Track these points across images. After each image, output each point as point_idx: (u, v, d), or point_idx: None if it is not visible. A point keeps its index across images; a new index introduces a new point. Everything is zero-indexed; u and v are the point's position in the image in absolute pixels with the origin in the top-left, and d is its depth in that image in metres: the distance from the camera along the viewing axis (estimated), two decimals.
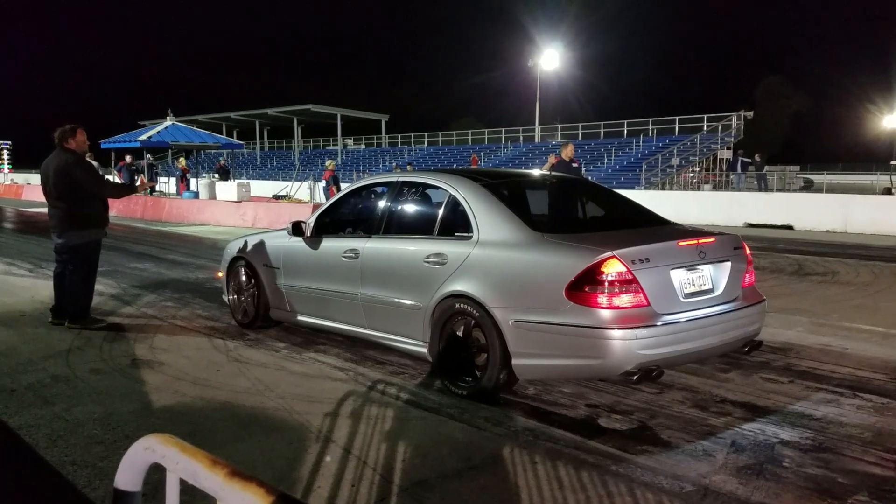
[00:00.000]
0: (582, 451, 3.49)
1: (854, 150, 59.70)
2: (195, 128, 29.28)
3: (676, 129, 34.80)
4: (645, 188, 26.92)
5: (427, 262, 4.60)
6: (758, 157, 25.84)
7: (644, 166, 29.77)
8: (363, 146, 54.79)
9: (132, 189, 7.50)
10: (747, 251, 4.60)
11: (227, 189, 22.30)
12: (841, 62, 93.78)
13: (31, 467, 3.38)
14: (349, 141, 55.47)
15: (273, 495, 1.20)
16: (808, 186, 33.40)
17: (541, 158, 30.65)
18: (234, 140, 38.59)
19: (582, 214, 5.42)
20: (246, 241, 6.35)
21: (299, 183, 29.19)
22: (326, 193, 19.85)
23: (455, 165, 40.77)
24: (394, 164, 39.61)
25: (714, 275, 4.27)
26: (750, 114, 33.79)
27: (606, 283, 3.79)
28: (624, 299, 3.82)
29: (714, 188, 28.36)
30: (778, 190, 26.59)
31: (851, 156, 57.76)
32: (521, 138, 43.45)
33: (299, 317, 5.78)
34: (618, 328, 3.75)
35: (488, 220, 4.45)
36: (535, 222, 4.43)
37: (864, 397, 4.34)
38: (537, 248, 4.16)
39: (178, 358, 5.23)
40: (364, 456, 3.42)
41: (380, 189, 5.82)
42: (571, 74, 51.36)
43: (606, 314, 3.78)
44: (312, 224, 5.63)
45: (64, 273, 6.20)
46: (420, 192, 5.45)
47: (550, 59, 41.86)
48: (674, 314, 3.96)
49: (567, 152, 11.77)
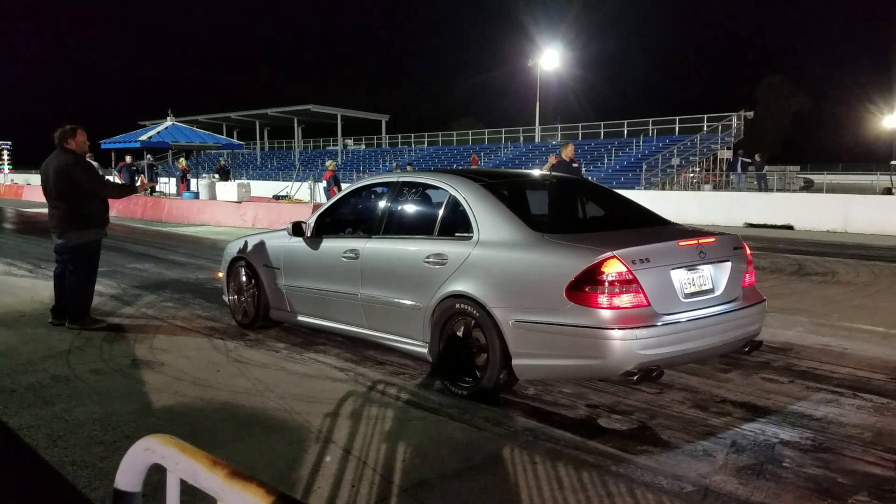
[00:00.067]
0: (582, 452, 3.49)
1: (854, 150, 59.79)
2: (195, 128, 29.28)
3: (677, 129, 34.81)
4: (645, 188, 26.92)
5: (427, 263, 4.60)
6: (758, 157, 25.86)
7: (644, 166, 29.78)
8: (363, 146, 54.78)
9: (132, 189, 7.50)
10: (747, 251, 4.60)
11: (228, 189, 22.29)
12: (841, 62, 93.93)
13: (32, 468, 3.39)
14: (349, 141, 55.47)
15: (273, 495, 1.20)
16: (809, 186, 33.41)
17: (541, 159, 30.65)
18: (235, 140, 38.59)
19: (582, 214, 5.42)
20: (246, 242, 6.35)
21: (299, 183, 29.21)
22: (327, 194, 19.84)
23: (455, 166, 40.77)
24: (394, 165, 39.60)
25: (714, 275, 4.27)
26: (750, 114, 33.79)
27: (607, 284, 3.79)
28: (624, 299, 3.82)
29: (714, 188, 28.36)
30: (778, 190, 26.60)
31: (852, 156, 57.84)
32: (522, 138, 43.45)
33: (299, 317, 5.78)
34: (618, 328, 3.75)
35: (488, 221, 4.45)
36: (536, 222, 4.43)
37: (864, 397, 4.34)
38: (537, 249, 4.16)
39: (178, 358, 5.23)
40: (364, 456, 3.42)
41: (380, 189, 5.82)
42: (572, 74, 51.42)
43: (607, 314, 3.78)
44: (313, 224, 5.63)
45: (64, 273, 6.20)
46: (420, 193, 5.45)
47: (550, 59, 41.85)
48: (674, 314, 3.96)
49: (567, 152, 11.77)
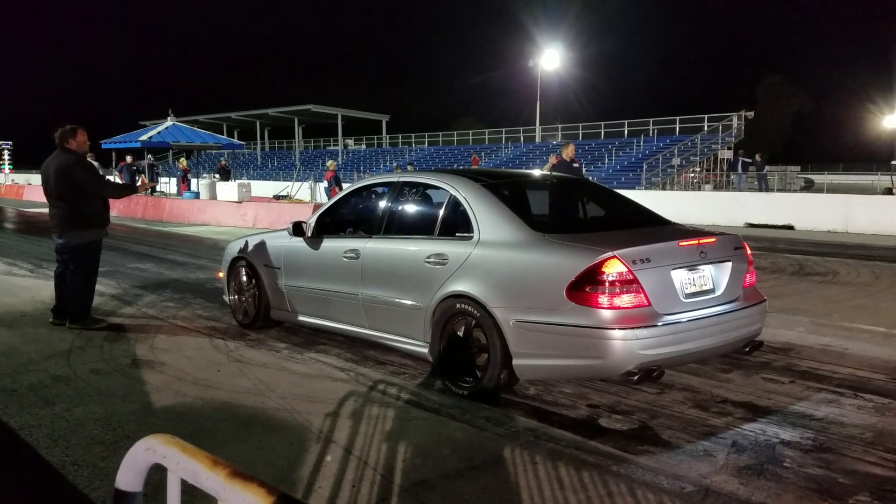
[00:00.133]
0: (583, 452, 3.49)
1: (855, 150, 59.76)
2: (196, 128, 29.27)
3: (677, 129, 34.80)
4: (646, 188, 26.91)
5: (428, 263, 4.60)
6: (758, 157, 25.87)
7: (645, 166, 29.76)
8: (364, 146, 54.78)
9: (133, 189, 7.51)
10: (748, 251, 4.59)
11: (228, 189, 22.29)
12: (841, 62, 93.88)
13: (32, 467, 3.39)
14: (350, 141, 55.46)
15: (274, 495, 1.20)
16: (809, 186, 33.41)
17: (541, 159, 30.64)
18: (235, 140, 38.58)
19: (583, 215, 5.42)
20: (247, 242, 6.35)
21: (300, 183, 29.22)
22: (328, 194, 19.83)
23: (456, 166, 40.76)
24: (394, 165, 39.61)
25: (715, 275, 4.27)
26: (751, 114, 33.75)
27: (607, 284, 3.79)
28: (625, 299, 3.82)
29: (715, 188, 28.34)
30: (779, 190, 26.60)
31: (852, 156, 57.81)
32: (522, 138, 43.44)
33: (300, 317, 5.78)
34: (618, 328, 3.74)
35: (489, 221, 4.45)
36: (536, 222, 4.43)
37: (865, 397, 4.34)
38: (538, 249, 4.16)
39: (179, 358, 5.23)
40: (365, 456, 3.42)
41: (380, 189, 5.82)
42: (572, 74, 51.36)
43: (607, 314, 3.78)
44: (313, 224, 5.63)
45: (65, 273, 6.21)
46: (421, 193, 5.45)
47: (551, 59, 41.80)
48: (675, 314, 3.96)
49: (568, 152, 11.77)
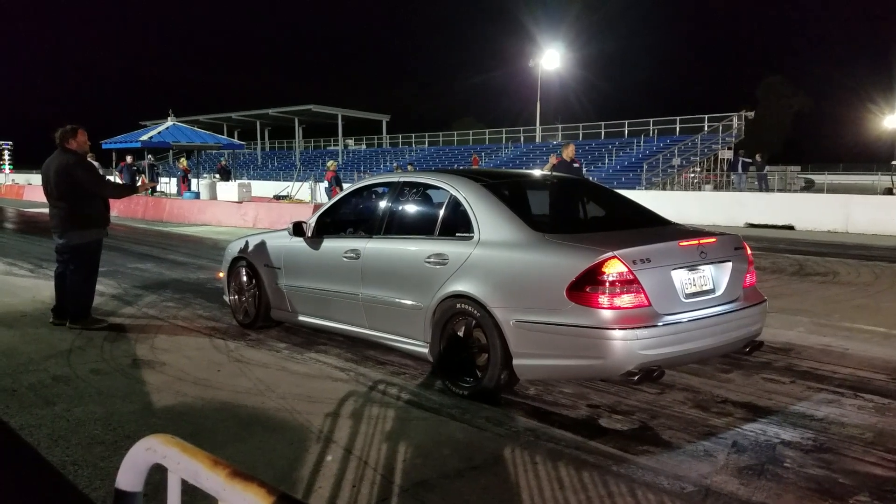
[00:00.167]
0: (583, 452, 3.49)
1: (855, 151, 59.74)
2: (196, 128, 29.27)
3: (677, 130, 34.79)
4: (646, 188, 26.91)
5: (428, 263, 4.60)
6: (759, 158, 25.87)
7: (645, 166, 29.76)
8: (364, 146, 54.78)
9: (133, 189, 7.52)
10: (748, 251, 4.59)
11: (228, 189, 22.30)
12: (841, 62, 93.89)
13: (33, 467, 3.39)
14: (350, 141, 55.47)
15: (274, 495, 1.20)
16: (809, 187, 33.41)
17: (542, 159, 30.64)
18: (236, 140, 38.58)
19: (583, 215, 5.42)
20: (247, 242, 6.35)
21: (300, 183, 29.21)
22: (329, 194, 19.82)
23: (456, 166, 40.76)
24: (394, 165, 39.60)
25: (715, 275, 4.27)
26: (751, 114, 33.76)
27: (607, 284, 3.79)
28: (625, 299, 3.82)
29: (715, 188, 28.34)
30: (779, 190, 26.60)
31: (852, 156, 57.79)
32: (522, 138, 43.43)
33: (300, 317, 5.78)
34: (619, 328, 3.74)
35: (489, 221, 4.45)
36: (536, 222, 4.43)
37: (866, 398, 4.34)
38: (538, 249, 4.16)
39: (180, 358, 5.23)
40: (365, 456, 3.42)
41: (381, 189, 5.82)
42: (572, 74, 51.32)
43: (607, 314, 3.78)
44: (313, 224, 5.63)
45: (65, 273, 6.21)
46: (421, 193, 5.45)
47: (551, 59, 41.79)
48: (675, 314, 3.96)
49: (568, 152, 11.77)
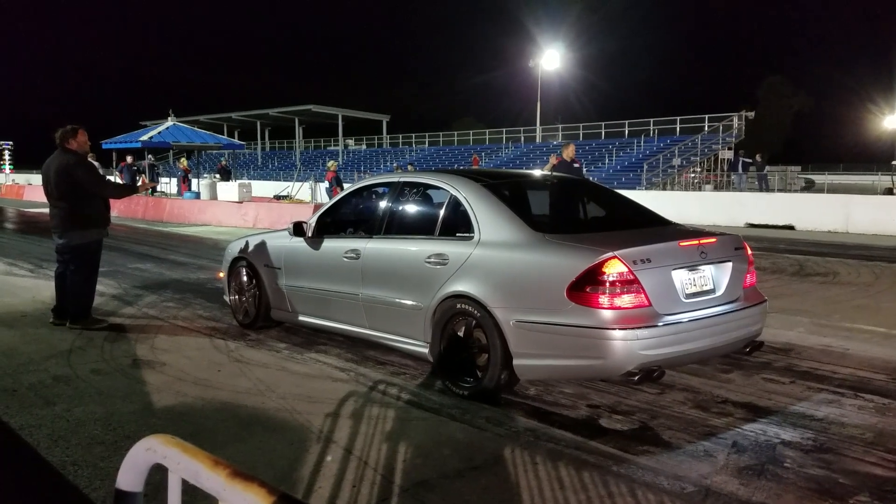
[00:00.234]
0: (583, 452, 3.49)
1: (855, 151, 59.72)
2: (196, 128, 29.29)
3: (678, 130, 34.79)
4: (646, 188, 26.91)
5: (428, 263, 4.60)
6: (759, 158, 25.88)
7: (645, 166, 29.76)
8: (364, 146, 54.79)
9: (133, 189, 7.52)
10: (748, 251, 4.59)
11: (229, 189, 22.29)
12: (842, 62, 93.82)
13: (33, 467, 3.39)
14: (350, 141, 55.47)
15: (274, 495, 1.20)
16: (810, 187, 33.41)
17: (542, 159, 30.63)
18: (236, 140, 38.58)
19: (583, 215, 5.42)
20: (247, 242, 6.35)
21: (300, 183, 29.20)
22: (330, 194, 19.81)
23: (456, 166, 40.75)
24: (395, 165, 39.60)
25: (715, 275, 4.27)
26: (751, 114, 33.76)
27: (608, 284, 3.79)
28: (625, 300, 3.81)
29: (715, 188, 28.34)
30: (779, 190, 26.61)
31: (852, 156, 57.77)
32: (523, 138, 43.42)
33: (300, 317, 5.78)
34: (619, 328, 3.74)
35: (489, 221, 4.45)
36: (537, 223, 4.43)
37: (866, 398, 4.34)
38: (538, 249, 4.16)
39: (180, 358, 5.23)
40: (365, 456, 3.42)
41: (381, 189, 5.82)
42: (572, 74, 51.31)
43: (608, 314, 3.78)
44: (314, 224, 5.63)
45: (65, 273, 6.21)
46: (421, 193, 5.45)
47: (551, 59, 41.77)
48: (675, 314, 3.96)
49: (568, 152, 11.76)
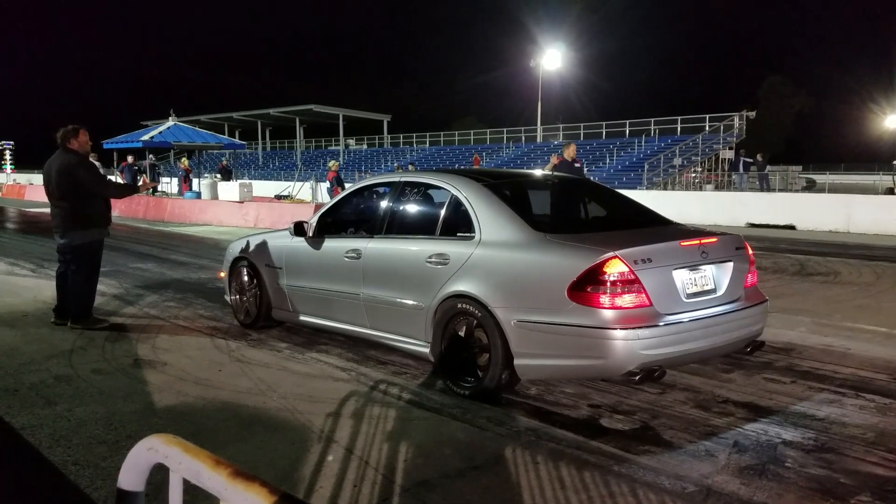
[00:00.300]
0: (584, 452, 3.49)
1: (856, 150, 59.69)
2: (197, 128, 29.27)
3: (679, 129, 34.77)
4: (647, 188, 26.90)
5: (429, 263, 4.60)
6: (760, 157, 25.87)
7: (646, 166, 29.74)
8: (365, 146, 54.79)
9: (134, 189, 7.52)
10: (749, 251, 4.59)
11: (230, 189, 22.26)
12: (842, 62, 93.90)
13: (34, 467, 3.39)
14: (351, 141, 55.47)
15: (276, 495, 1.20)
16: (811, 186, 33.39)
17: (543, 158, 30.63)
18: (237, 140, 38.57)
19: (584, 215, 5.42)
20: (248, 242, 6.35)
21: (301, 183, 29.21)
22: (331, 194, 19.82)
23: (457, 165, 40.75)
24: (395, 165, 39.59)
25: (716, 275, 4.27)
26: (752, 114, 33.72)
27: (609, 284, 3.79)
28: (626, 299, 3.81)
29: (716, 188, 28.33)
30: (780, 190, 26.60)
31: (854, 156, 57.73)
32: (523, 138, 43.40)
33: (301, 317, 5.78)
34: (620, 328, 3.74)
35: (490, 221, 4.45)
36: (538, 222, 4.43)
37: (867, 398, 4.34)
38: (539, 249, 4.16)
39: (181, 358, 5.24)
40: (366, 456, 3.42)
41: (382, 189, 5.82)
42: (573, 74, 51.27)
43: (609, 314, 3.78)
44: (315, 224, 5.64)
45: (66, 273, 6.21)
46: (422, 193, 5.45)
47: (552, 59, 41.75)
48: (676, 314, 3.96)
49: (569, 152, 11.76)
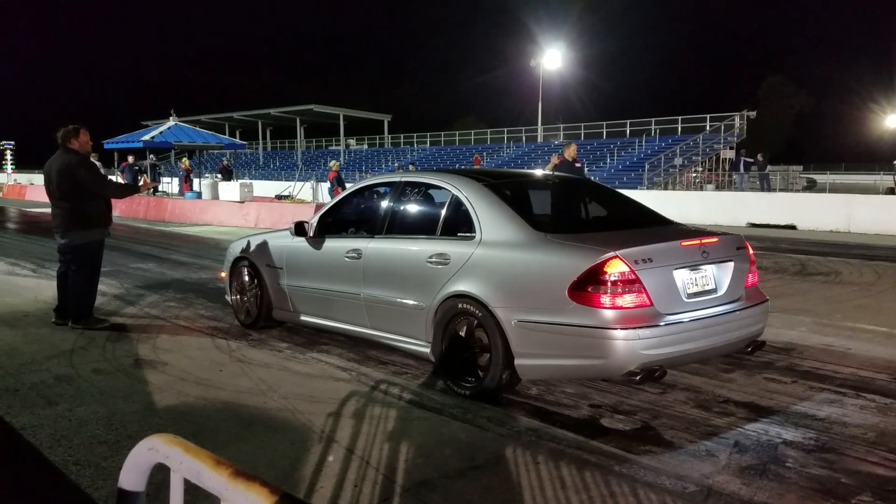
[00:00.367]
0: (585, 452, 3.49)
1: (857, 150, 59.68)
2: (198, 128, 29.29)
3: (679, 129, 34.76)
4: (648, 188, 26.89)
5: (430, 263, 4.60)
6: (760, 157, 25.85)
7: (647, 166, 29.73)
8: (366, 146, 54.79)
9: (135, 189, 7.53)
10: (750, 251, 4.59)
11: (230, 189, 22.26)
12: (843, 62, 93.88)
13: (34, 467, 3.39)
14: (352, 141, 55.47)
15: (276, 495, 1.20)
16: (811, 186, 33.39)
17: (543, 158, 30.61)
18: (237, 140, 38.58)
19: (585, 214, 5.42)
20: (249, 242, 6.35)
21: (302, 183, 29.21)
22: (331, 194, 19.82)
23: (457, 165, 40.75)
24: (396, 165, 39.59)
25: (717, 275, 4.27)
26: (753, 113, 33.70)
27: (609, 283, 3.79)
28: (627, 299, 3.81)
29: (717, 188, 28.30)
30: (781, 190, 26.58)
31: (854, 155, 57.74)
32: (524, 138, 43.40)
33: (302, 317, 5.78)
34: (621, 328, 3.74)
35: (491, 220, 4.45)
36: (538, 222, 4.43)
37: (868, 397, 4.33)
38: (540, 249, 4.16)
39: (181, 358, 5.24)
40: (367, 456, 3.42)
41: (382, 189, 5.81)
42: (574, 74, 51.35)
43: (609, 314, 3.78)
44: (315, 224, 5.64)
45: (67, 273, 6.22)
46: (422, 193, 5.45)
47: (553, 59, 41.78)
48: (677, 314, 3.95)
49: (570, 152, 11.76)
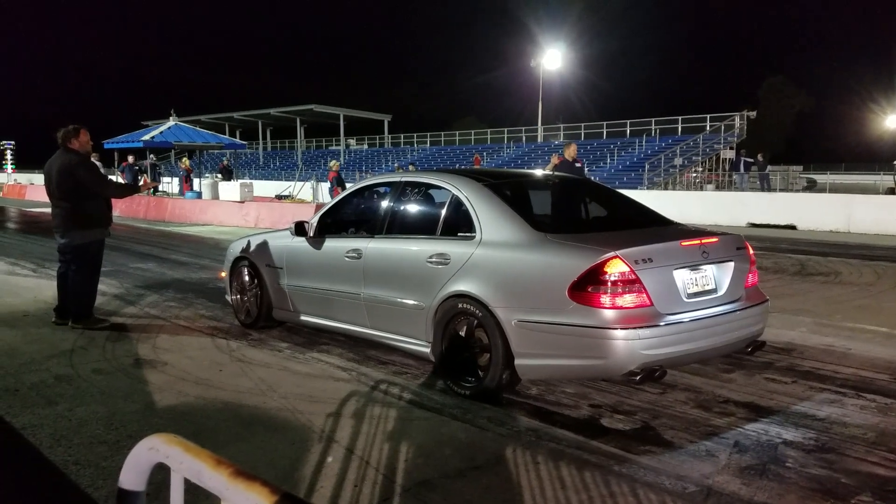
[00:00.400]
0: (585, 452, 3.49)
1: (857, 150, 59.67)
2: (198, 128, 29.29)
3: (679, 129, 34.76)
4: (648, 188, 26.89)
5: (430, 262, 4.60)
6: (760, 157, 25.86)
7: (647, 166, 29.72)
8: (366, 146, 54.79)
9: (135, 189, 7.54)
10: (750, 251, 4.59)
11: (230, 189, 22.28)
12: (843, 62, 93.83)
13: (35, 467, 3.39)
14: (352, 141, 55.47)
15: (277, 495, 1.20)
16: (811, 186, 33.39)
17: (543, 158, 30.61)
18: (237, 140, 38.58)
19: (585, 214, 5.43)
20: (249, 242, 6.35)
21: (302, 183, 29.21)
22: (331, 194, 19.82)
23: (458, 165, 40.75)
24: (396, 165, 39.58)
25: (717, 275, 4.27)
26: (753, 114, 33.70)
27: (609, 284, 3.79)
28: (627, 299, 3.81)
29: (717, 188, 28.31)
30: (781, 190, 26.59)
31: (854, 156, 57.73)
32: (524, 138, 43.39)
33: (302, 317, 5.78)
34: (621, 328, 3.74)
35: (491, 220, 4.45)
36: (538, 222, 4.43)
37: (868, 398, 4.33)
38: (540, 249, 4.16)
39: (181, 358, 5.24)
40: (367, 456, 3.42)
41: (382, 189, 5.82)
42: (574, 74, 51.33)
43: (609, 314, 3.78)
44: (315, 224, 5.64)
45: (67, 273, 6.22)
46: (423, 193, 5.45)
47: (553, 59, 41.77)
48: (677, 314, 3.95)
49: (570, 152, 11.76)
